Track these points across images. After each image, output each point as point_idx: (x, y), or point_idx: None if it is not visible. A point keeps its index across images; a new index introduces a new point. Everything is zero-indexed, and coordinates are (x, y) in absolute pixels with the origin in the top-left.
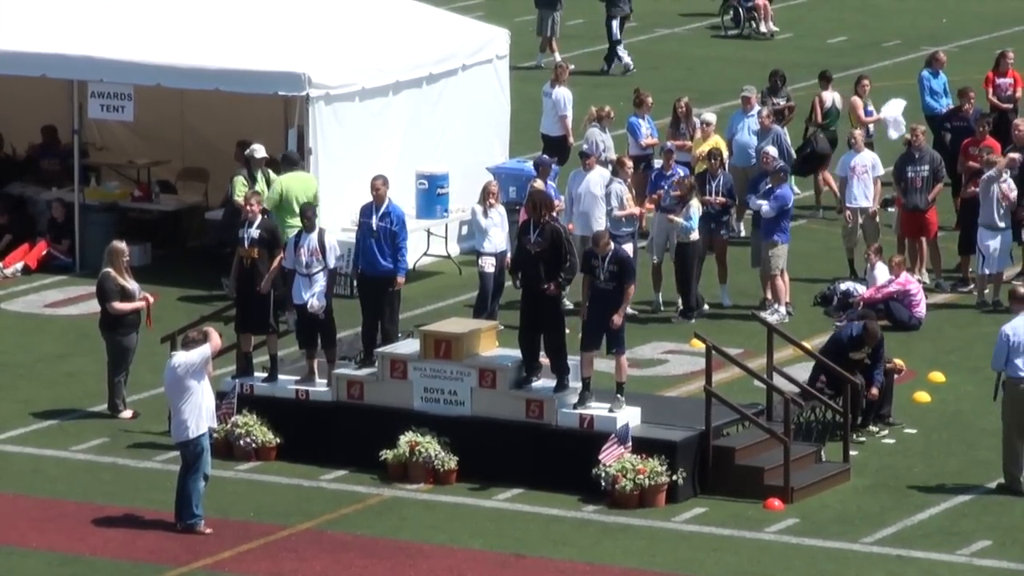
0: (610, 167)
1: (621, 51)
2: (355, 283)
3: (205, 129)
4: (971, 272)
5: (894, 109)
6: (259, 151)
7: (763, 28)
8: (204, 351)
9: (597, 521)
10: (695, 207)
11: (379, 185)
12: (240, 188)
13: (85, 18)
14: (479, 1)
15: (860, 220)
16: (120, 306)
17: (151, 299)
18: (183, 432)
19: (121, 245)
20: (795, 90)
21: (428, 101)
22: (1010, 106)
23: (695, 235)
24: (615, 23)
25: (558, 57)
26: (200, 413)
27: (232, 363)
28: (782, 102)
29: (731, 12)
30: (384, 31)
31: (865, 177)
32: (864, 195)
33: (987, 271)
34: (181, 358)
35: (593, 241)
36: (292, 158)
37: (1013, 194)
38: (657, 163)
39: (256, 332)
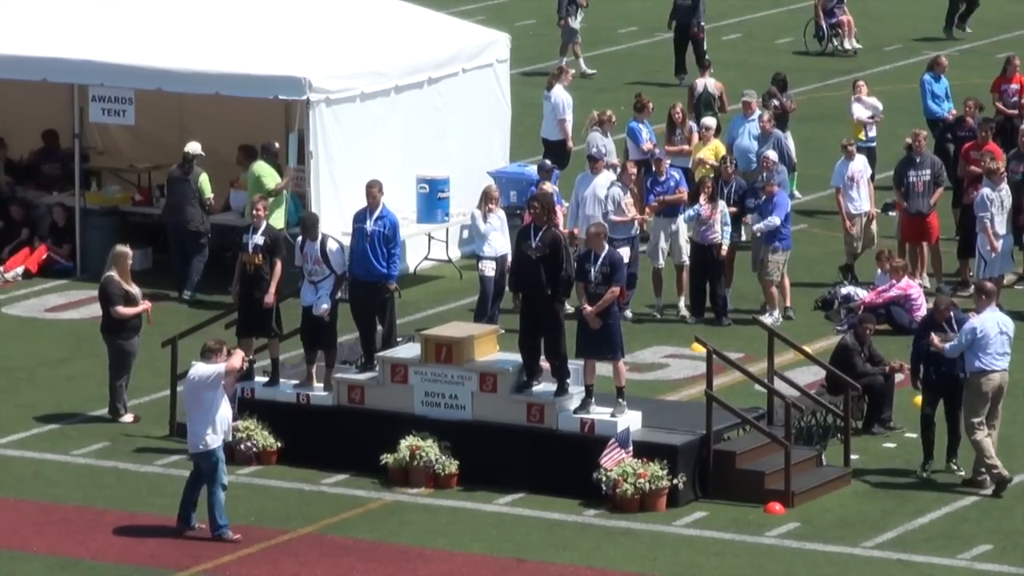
0: (610, 171)
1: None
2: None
3: (206, 133)
4: (970, 275)
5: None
6: (194, 148)
7: (847, 45)
8: (219, 369)
9: (598, 525)
10: (726, 211)
11: (375, 191)
12: (208, 187)
13: (86, 22)
14: (479, 5)
15: (862, 225)
16: (124, 310)
17: (150, 306)
18: (197, 443)
19: (126, 249)
20: (796, 94)
21: (429, 105)
22: (1015, 112)
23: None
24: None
25: (583, 65)
26: (215, 425)
27: None
28: (786, 103)
29: (815, 29)
30: (384, 35)
31: (863, 182)
32: (865, 199)
33: (985, 275)
34: (197, 370)
35: (588, 232)
36: (256, 147)
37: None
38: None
39: (258, 336)
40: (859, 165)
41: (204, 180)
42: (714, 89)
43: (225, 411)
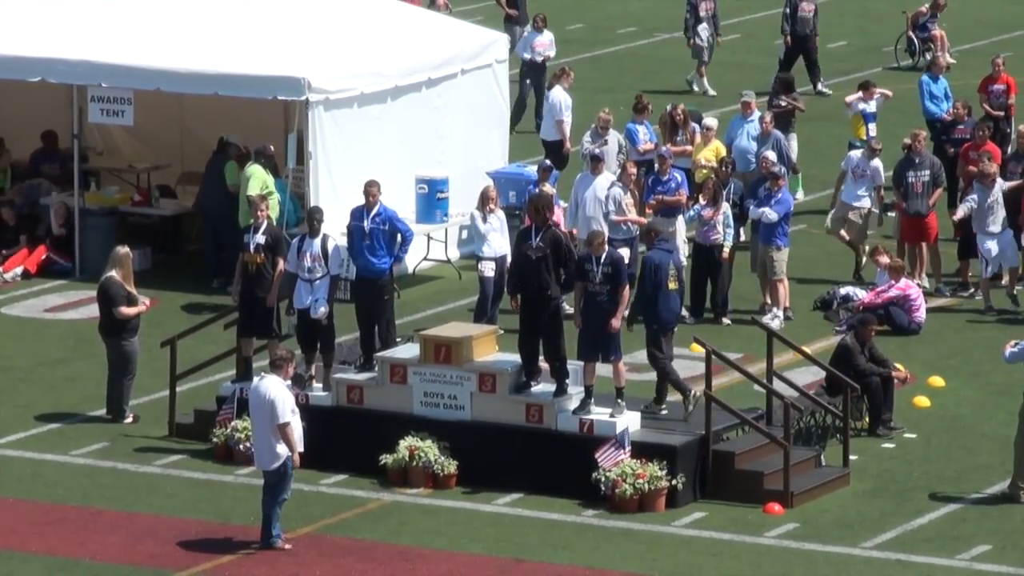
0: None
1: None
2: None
3: (204, 133)
4: (971, 276)
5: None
6: (232, 136)
7: (940, 57)
8: (286, 444)
9: (597, 526)
10: (728, 212)
11: (374, 191)
12: (233, 174)
13: (84, 23)
14: (478, 5)
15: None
16: (127, 310)
17: (147, 307)
18: (273, 460)
19: (127, 250)
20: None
21: (427, 106)
22: (1002, 113)
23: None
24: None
25: (705, 84)
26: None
27: (232, 367)
28: (783, 104)
29: (907, 42)
30: (383, 35)
31: (863, 180)
32: (865, 198)
33: (989, 273)
34: (267, 392)
35: (588, 240)
36: (256, 150)
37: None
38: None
39: (258, 336)
40: (876, 165)
41: (230, 167)
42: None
43: (295, 424)
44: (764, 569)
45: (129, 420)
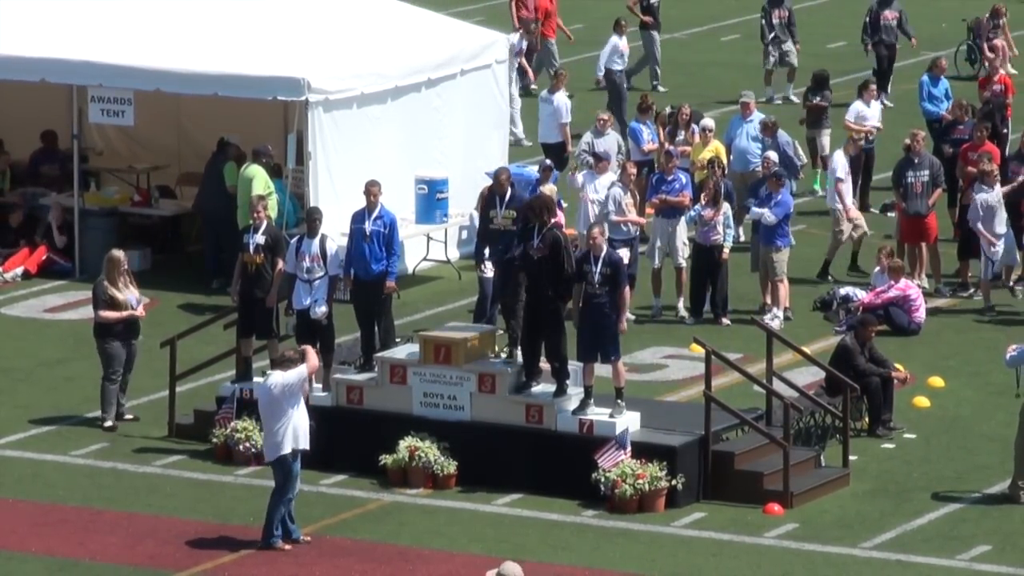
0: (584, 166)
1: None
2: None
3: (204, 134)
4: (971, 277)
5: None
6: (231, 136)
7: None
8: (301, 371)
9: (596, 526)
10: (729, 213)
11: (375, 191)
12: (232, 175)
13: (84, 23)
14: (479, 6)
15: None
16: (105, 314)
17: (142, 312)
18: (275, 452)
19: (116, 254)
20: (795, 95)
21: (427, 106)
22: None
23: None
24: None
25: (791, 93)
26: (296, 434)
27: (232, 367)
28: (816, 100)
29: (967, 51)
30: (383, 36)
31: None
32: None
33: (990, 274)
34: (278, 378)
35: (588, 234)
36: (255, 151)
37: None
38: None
39: (258, 337)
40: (834, 158)
41: (229, 168)
42: None
43: (302, 419)
44: (764, 569)
45: (108, 424)
